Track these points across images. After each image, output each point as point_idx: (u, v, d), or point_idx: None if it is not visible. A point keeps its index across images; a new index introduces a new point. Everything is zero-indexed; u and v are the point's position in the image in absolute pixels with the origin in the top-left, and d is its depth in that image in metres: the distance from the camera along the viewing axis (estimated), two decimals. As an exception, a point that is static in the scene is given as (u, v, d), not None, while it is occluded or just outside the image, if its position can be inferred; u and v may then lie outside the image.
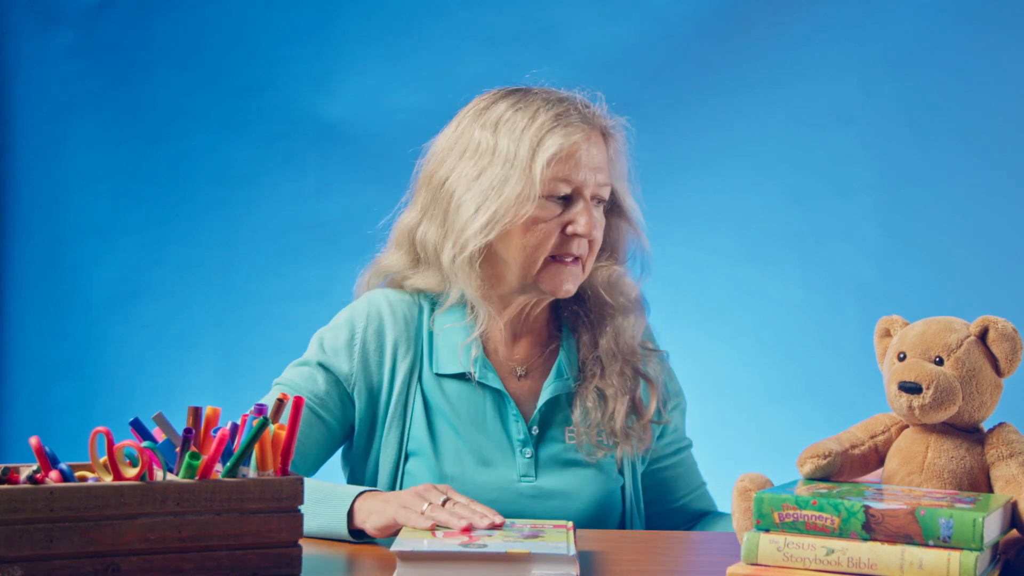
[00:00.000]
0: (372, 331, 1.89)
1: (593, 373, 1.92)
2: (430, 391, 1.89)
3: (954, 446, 1.48)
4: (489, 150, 1.84)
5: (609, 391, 1.91)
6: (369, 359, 1.88)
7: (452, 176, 1.86)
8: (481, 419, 1.88)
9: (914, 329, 1.51)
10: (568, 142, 1.82)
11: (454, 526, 1.53)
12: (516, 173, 1.81)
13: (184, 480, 1.34)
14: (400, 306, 1.91)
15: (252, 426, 1.38)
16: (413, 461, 1.86)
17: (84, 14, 3.57)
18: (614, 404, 1.90)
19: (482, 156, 1.84)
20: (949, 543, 1.29)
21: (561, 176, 1.82)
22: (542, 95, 1.88)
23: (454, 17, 3.52)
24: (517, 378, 1.93)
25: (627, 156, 1.93)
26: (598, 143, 1.86)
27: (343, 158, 3.54)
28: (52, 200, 3.61)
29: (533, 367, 1.94)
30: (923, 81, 3.35)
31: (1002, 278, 3.31)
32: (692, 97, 3.41)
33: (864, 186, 3.40)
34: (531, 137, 1.82)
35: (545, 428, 1.89)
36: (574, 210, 1.83)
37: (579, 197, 1.83)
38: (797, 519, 1.34)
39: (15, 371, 3.63)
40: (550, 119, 1.83)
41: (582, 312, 1.96)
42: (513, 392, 1.91)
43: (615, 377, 1.92)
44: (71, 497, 1.28)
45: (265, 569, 1.36)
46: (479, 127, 1.86)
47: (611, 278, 1.94)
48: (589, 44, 3.44)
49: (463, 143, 1.87)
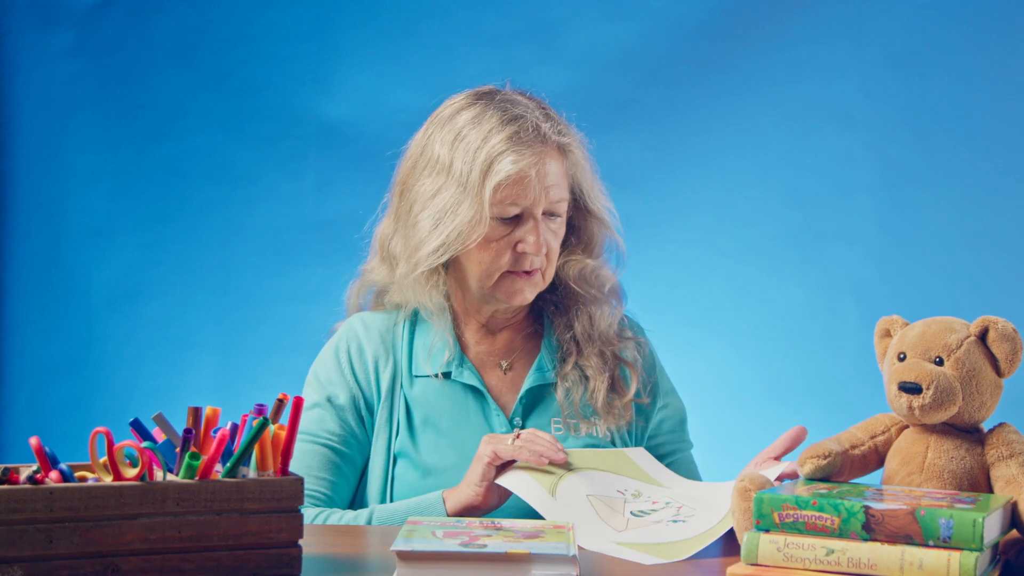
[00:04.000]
0: (354, 351, 1.96)
1: (570, 353, 1.98)
2: (412, 395, 1.95)
3: (954, 446, 1.48)
4: (445, 169, 1.90)
5: (589, 371, 1.97)
6: (358, 376, 1.95)
7: (415, 188, 1.94)
8: (463, 416, 1.93)
9: (914, 329, 1.51)
10: (515, 169, 1.86)
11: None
12: (468, 197, 1.87)
13: (184, 480, 1.34)
14: (374, 323, 2.00)
15: (252, 426, 1.38)
16: (400, 463, 1.91)
17: (84, 14, 3.57)
18: (594, 383, 1.96)
19: (439, 174, 1.91)
20: (949, 543, 1.29)
21: (509, 199, 1.88)
22: (500, 109, 1.92)
23: (454, 17, 3.52)
24: (503, 371, 1.99)
25: (588, 161, 1.98)
26: (553, 158, 1.91)
27: (343, 158, 3.54)
28: (52, 200, 3.61)
29: (517, 359, 2.00)
30: (923, 81, 3.35)
31: (1002, 278, 3.30)
32: (692, 97, 3.41)
33: (864, 186, 3.40)
34: (482, 161, 1.87)
35: (529, 419, 1.95)
36: (523, 229, 1.89)
37: (529, 217, 1.89)
38: (797, 519, 1.34)
39: (15, 371, 3.63)
40: (501, 141, 1.88)
41: (555, 302, 2.02)
42: (495, 386, 1.97)
43: (593, 358, 1.97)
44: (71, 497, 1.28)
45: (265, 569, 1.36)
46: (440, 140, 1.93)
47: (583, 271, 2.00)
48: (589, 44, 3.44)
49: (427, 155, 1.94)
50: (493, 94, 1.96)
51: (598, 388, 1.96)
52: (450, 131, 1.92)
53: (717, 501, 1.68)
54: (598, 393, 1.96)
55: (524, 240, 1.89)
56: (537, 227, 1.89)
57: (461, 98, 1.97)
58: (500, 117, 1.90)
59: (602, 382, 1.96)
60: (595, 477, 1.76)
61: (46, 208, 3.61)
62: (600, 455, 1.83)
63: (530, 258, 1.90)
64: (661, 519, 1.68)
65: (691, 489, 1.80)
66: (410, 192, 1.94)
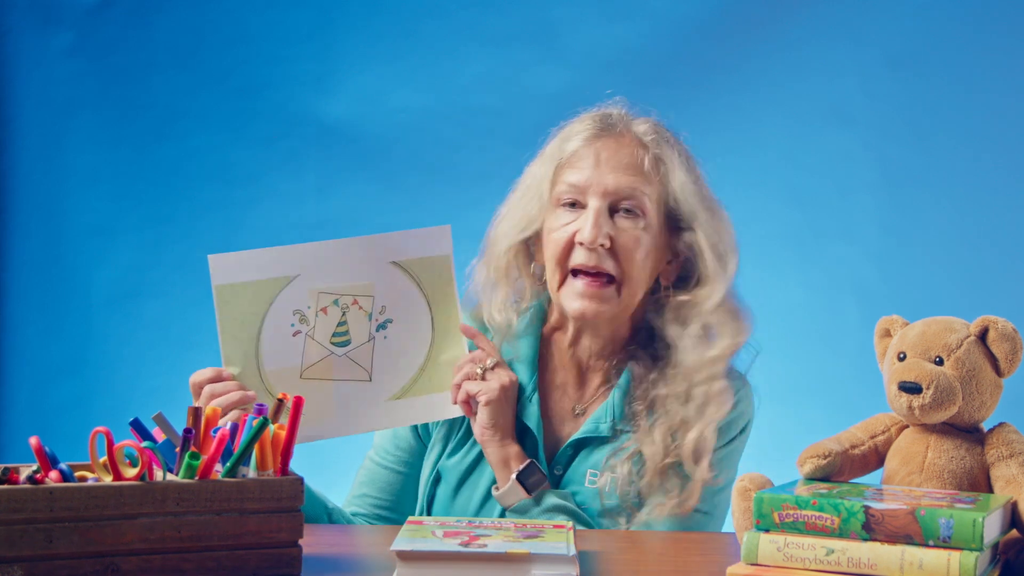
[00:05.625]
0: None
1: (639, 410, 1.81)
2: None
3: (954, 446, 1.47)
4: (539, 156, 1.86)
5: (647, 442, 1.79)
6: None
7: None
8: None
9: (914, 329, 1.51)
10: (573, 147, 1.79)
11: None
12: (539, 180, 1.82)
13: (184, 480, 1.34)
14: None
15: (252, 426, 1.38)
16: (441, 485, 1.87)
17: (84, 14, 3.57)
18: (650, 461, 1.78)
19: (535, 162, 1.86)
20: (949, 543, 1.29)
21: (566, 179, 1.79)
22: (590, 114, 1.86)
23: (454, 17, 3.52)
24: (574, 416, 1.87)
25: (684, 167, 1.81)
26: (622, 144, 1.79)
27: (343, 158, 3.54)
28: (52, 200, 3.61)
29: (591, 408, 1.87)
30: (923, 81, 3.36)
31: (1002, 278, 3.31)
32: (692, 97, 3.41)
33: (864, 186, 3.40)
34: (556, 142, 1.82)
35: (569, 468, 1.84)
36: (581, 216, 1.77)
37: (587, 201, 1.77)
38: (797, 519, 1.34)
39: (15, 371, 3.64)
40: (580, 128, 1.81)
41: (642, 349, 1.85)
42: (557, 428, 1.86)
43: (658, 431, 1.78)
44: (71, 497, 1.28)
45: (265, 569, 1.36)
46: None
47: (675, 306, 1.81)
48: (589, 44, 3.44)
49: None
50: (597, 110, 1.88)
51: (655, 439, 1.78)
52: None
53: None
54: (653, 444, 1.78)
55: (580, 227, 1.76)
56: (597, 213, 1.75)
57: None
58: (593, 115, 1.85)
59: (661, 436, 1.77)
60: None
61: (46, 208, 3.61)
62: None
63: (585, 251, 1.75)
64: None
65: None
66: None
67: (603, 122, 1.82)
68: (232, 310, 1.72)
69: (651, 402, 1.81)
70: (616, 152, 1.79)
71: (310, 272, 1.74)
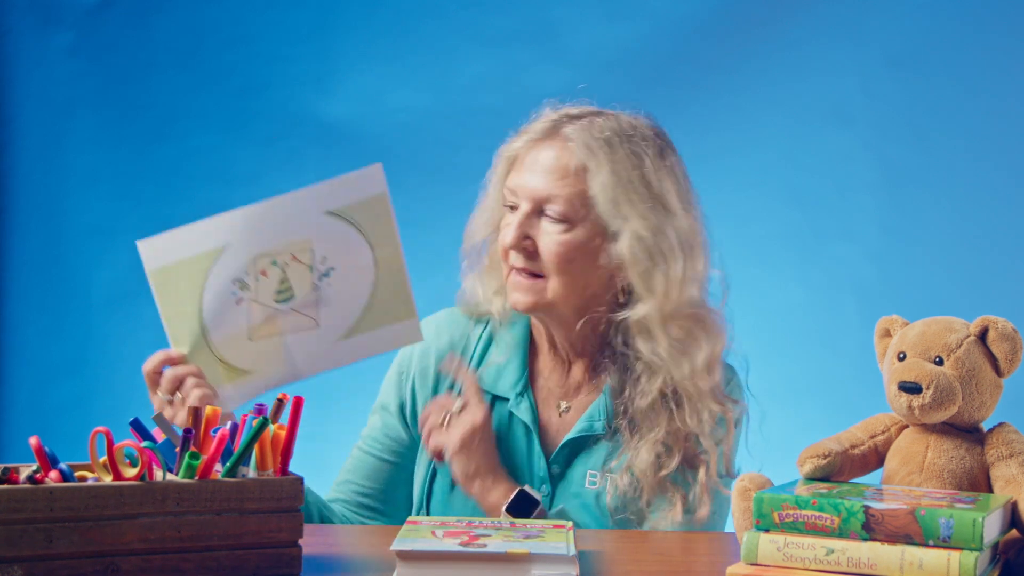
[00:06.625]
0: (416, 357, 1.90)
1: (628, 405, 1.81)
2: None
3: (954, 446, 1.47)
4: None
5: (640, 436, 1.80)
6: (415, 385, 1.90)
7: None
8: (508, 447, 1.85)
9: (914, 329, 1.51)
10: (514, 148, 1.83)
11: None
12: (496, 184, 1.87)
13: (184, 480, 1.34)
14: (450, 327, 1.92)
15: (252, 426, 1.38)
16: (438, 480, 1.87)
17: (84, 14, 3.57)
18: (643, 452, 1.79)
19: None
20: (949, 543, 1.29)
21: (507, 182, 1.83)
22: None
23: (454, 17, 3.52)
24: (559, 413, 1.87)
25: (613, 169, 1.77)
26: (552, 147, 1.79)
27: (343, 158, 3.52)
28: (52, 200, 3.61)
29: (578, 401, 1.87)
30: (923, 81, 3.35)
31: (1002, 278, 3.30)
32: (692, 97, 3.41)
33: (864, 186, 3.40)
34: (505, 150, 1.87)
35: (568, 467, 1.85)
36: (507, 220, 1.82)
37: (519, 204, 1.80)
38: (797, 519, 1.34)
39: (15, 371, 3.63)
40: (521, 132, 1.85)
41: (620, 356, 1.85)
42: (550, 424, 1.87)
43: (644, 449, 1.78)
44: (71, 497, 1.28)
45: (265, 569, 1.36)
46: None
47: (632, 325, 1.80)
48: (589, 44, 3.44)
49: None
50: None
51: (642, 457, 1.78)
52: None
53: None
54: (641, 462, 1.78)
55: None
56: (520, 217, 1.78)
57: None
58: (544, 119, 1.86)
59: (648, 452, 1.78)
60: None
61: (46, 208, 3.61)
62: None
63: (512, 252, 1.79)
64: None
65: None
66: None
67: (546, 124, 1.83)
68: (170, 292, 1.71)
69: (631, 417, 1.81)
70: (546, 156, 1.80)
71: (243, 239, 1.71)
